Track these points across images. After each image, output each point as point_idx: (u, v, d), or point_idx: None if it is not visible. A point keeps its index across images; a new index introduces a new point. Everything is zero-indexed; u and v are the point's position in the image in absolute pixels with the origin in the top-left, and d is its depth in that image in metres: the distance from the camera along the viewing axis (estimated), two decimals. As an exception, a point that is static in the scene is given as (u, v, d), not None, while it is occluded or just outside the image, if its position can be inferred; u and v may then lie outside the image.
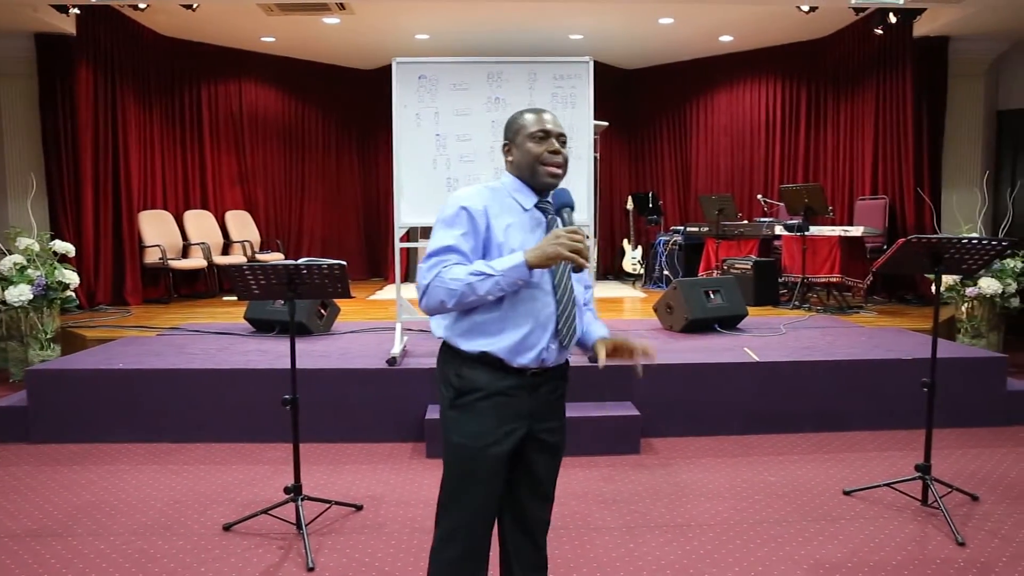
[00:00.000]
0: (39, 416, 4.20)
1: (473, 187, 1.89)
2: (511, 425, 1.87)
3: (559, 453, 2.02)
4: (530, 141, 1.88)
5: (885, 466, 3.73)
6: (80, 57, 6.82)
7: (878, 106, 7.59)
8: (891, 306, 7.01)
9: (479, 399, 1.84)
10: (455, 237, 1.79)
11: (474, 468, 1.86)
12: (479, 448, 1.84)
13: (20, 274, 5.50)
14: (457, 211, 1.81)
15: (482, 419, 1.84)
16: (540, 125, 1.88)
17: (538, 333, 1.85)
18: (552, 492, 2.04)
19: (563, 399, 2.04)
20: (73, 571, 2.70)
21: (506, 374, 1.84)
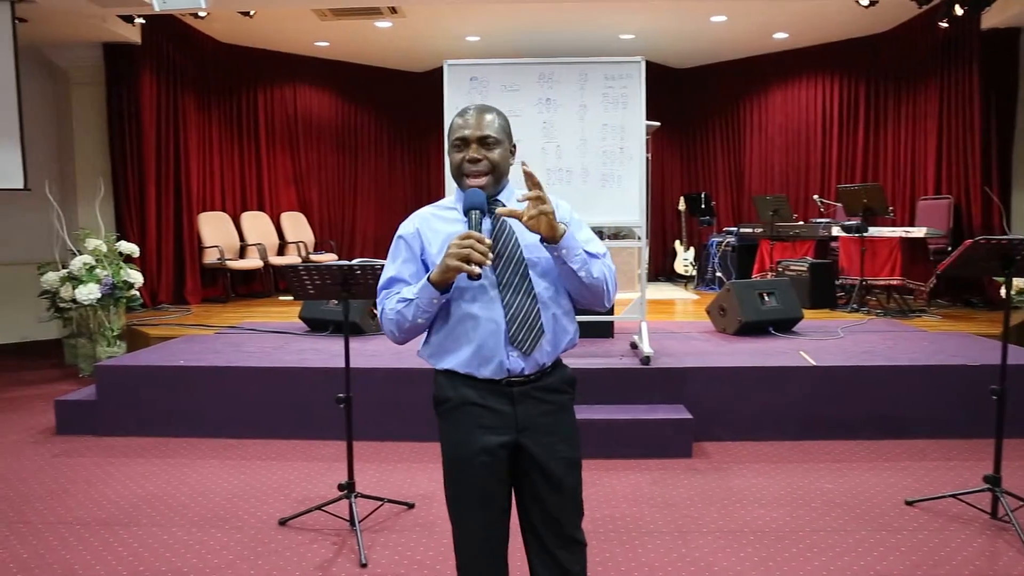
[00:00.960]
0: (106, 410, 4.37)
1: (418, 213, 1.90)
2: (491, 436, 1.77)
3: (564, 473, 1.81)
4: (452, 150, 1.81)
5: (950, 476, 3.59)
6: (144, 65, 7.07)
7: (942, 102, 7.33)
8: (956, 310, 6.76)
9: (452, 408, 1.83)
10: (396, 267, 1.85)
11: (459, 476, 1.82)
12: (460, 457, 1.81)
13: (89, 274, 5.73)
14: (395, 241, 1.86)
15: (459, 427, 1.82)
16: (457, 132, 1.79)
17: (491, 344, 1.75)
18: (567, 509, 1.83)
19: (564, 413, 1.84)
20: (139, 559, 2.80)
21: (477, 384, 1.79)
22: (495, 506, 1.82)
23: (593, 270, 1.76)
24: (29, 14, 5.97)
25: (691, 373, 4.23)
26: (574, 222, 1.83)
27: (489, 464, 1.79)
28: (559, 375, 1.85)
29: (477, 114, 1.79)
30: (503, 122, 1.83)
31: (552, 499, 1.82)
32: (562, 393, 1.85)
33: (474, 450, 1.79)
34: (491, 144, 1.79)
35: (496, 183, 1.82)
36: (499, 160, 1.80)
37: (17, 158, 6.02)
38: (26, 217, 6.85)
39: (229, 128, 8.55)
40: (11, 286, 6.94)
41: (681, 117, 10.38)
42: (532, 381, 1.80)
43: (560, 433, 1.83)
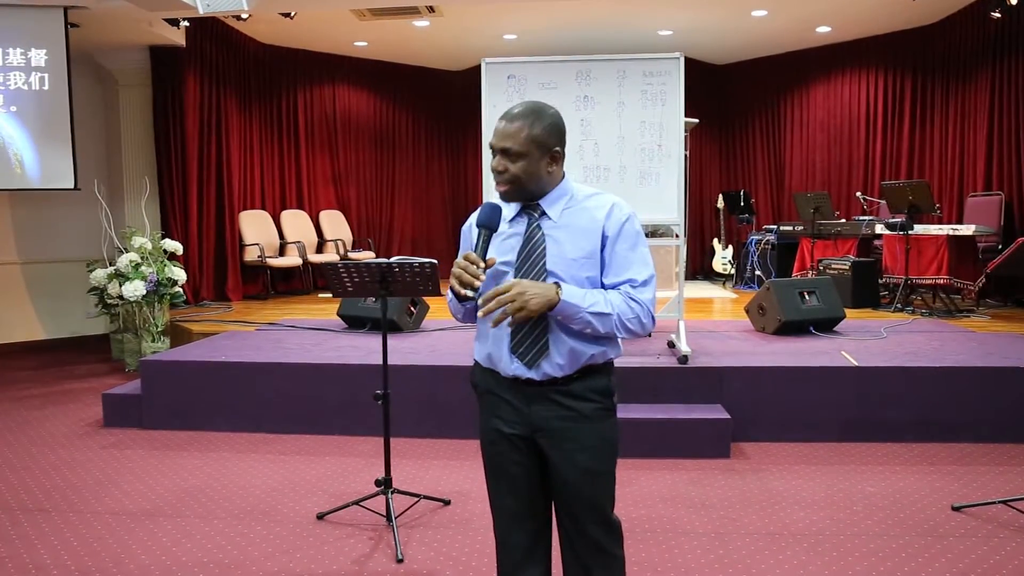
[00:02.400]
0: (151, 404, 4.49)
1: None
2: (505, 427, 1.82)
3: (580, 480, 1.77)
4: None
5: (1000, 482, 3.48)
6: (188, 67, 7.23)
7: (994, 96, 7.11)
8: (1007, 310, 6.55)
9: (480, 394, 1.91)
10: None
11: (486, 460, 1.90)
12: (483, 442, 1.90)
13: (135, 271, 5.88)
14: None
15: (483, 414, 1.89)
16: (492, 139, 1.77)
17: (497, 349, 1.80)
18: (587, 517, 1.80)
19: (590, 421, 1.78)
20: (182, 549, 2.87)
21: (498, 377, 1.83)
22: (519, 488, 1.85)
23: (600, 327, 1.71)
24: (80, 19, 6.15)
25: (729, 373, 4.18)
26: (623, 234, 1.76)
27: (508, 449, 1.83)
28: (586, 383, 1.78)
29: (507, 122, 1.74)
30: (536, 132, 1.72)
31: (573, 504, 1.81)
32: (587, 401, 1.77)
33: (494, 434, 1.85)
34: (513, 156, 1.73)
35: (521, 193, 1.76)
36: (520, 173, 1.73)
37: (68, 159, 6.22)
38: (76, 216, 7.07)
39: (269, 128, 8.68)
40: (62, 282, 7.16)
41: (720, 113, 10.24)
42: (549, 385, 1.77)
43: (580, 441, 1.77)
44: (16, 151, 6.07)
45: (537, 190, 1.78)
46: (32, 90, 6.06)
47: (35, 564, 2.77)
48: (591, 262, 1.75)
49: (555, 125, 1.76)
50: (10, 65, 6.00)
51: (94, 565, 2.75)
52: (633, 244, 1.77)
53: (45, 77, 6.09)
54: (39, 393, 5.46)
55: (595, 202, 1.79)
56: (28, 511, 3.26)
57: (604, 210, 1.77)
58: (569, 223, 1.77)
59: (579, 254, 1.74)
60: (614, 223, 1.76)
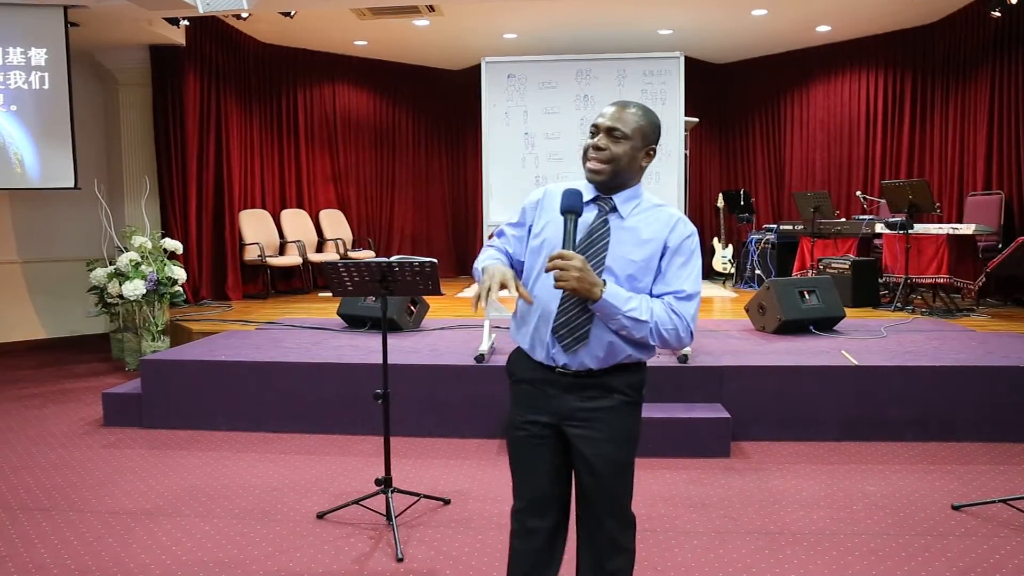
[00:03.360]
0: (151, 403, 4.49)
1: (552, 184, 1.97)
2: (537, 415, 1.87)
3: (605, 471, 1.83)
4: (589, 135, 1.85)
5: (1000, 481, 3.49)
6: (188, 66, 7.23)
7: (993, 95, 7.11)
8: (1007, 309, 6.55)
9: (515, 383, 1.94)
10: (511, 222, 1.98)
11: (513, 447, 1.94)
12: (513, 428, 1.92)
13: (135, 270, 5.88)
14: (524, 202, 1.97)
15: (516, 401, 1.93)
16: (595, 119, 1.84)
17: (542, 329, 1.83)
18: (607, 510, 1.86)
19: (617, 413, 1.83)
20: (182, 549, 2.87)
21: (534, 365, 1.87)
22: (544, 475, 1.89)
23: (635, 332, 1.75)
24: (80, 19, 6.15)
25: (729, 372, 4.18)
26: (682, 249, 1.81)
27: (532, 439, 1.88)
28: (623, 378, 1.84)
29: (619, 107, 1.82)
30: (643, 123, 1.81)
31: (592, 493, 1.87)
32: (619, 393, 1.84)
33: (522, 423, 1.89)
34: (618, 137, 1.79)
35: (613, 177, 1.81)
36: (621, 155, 1.79)
37: (68, 158, 6.21)
38: (76, 215, 7.06)
39: (269, 127, 8.68)
40: (62, 281, 7.16)
41: (720, 113, 10.24)
42: (585, 376, 1.82)
43: (609, 432, 1.83)
44: (16, 150, 6.07)
45: (621, 181, 1.83)
46: (32, 89, 6.06)
47: (35, 563, 2.77)
48: (647, 268, 1.80)
49: (659, 127, 1.87)
50: (10, 64, 6.00)
51: (94, 564, 2.75)
52: (688, 260, 1.82)
53: (45, 76, 6.08)
54: (39, 392, 5.46)
55: (664, 213, 1.85)
56: (28, 510, 3.26)
57: (671, 222, 1.83)
58: (636, 226, 1.82)
59: (639, 257, 1.79)
60: (677, 236, 1.82)
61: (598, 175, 1.81)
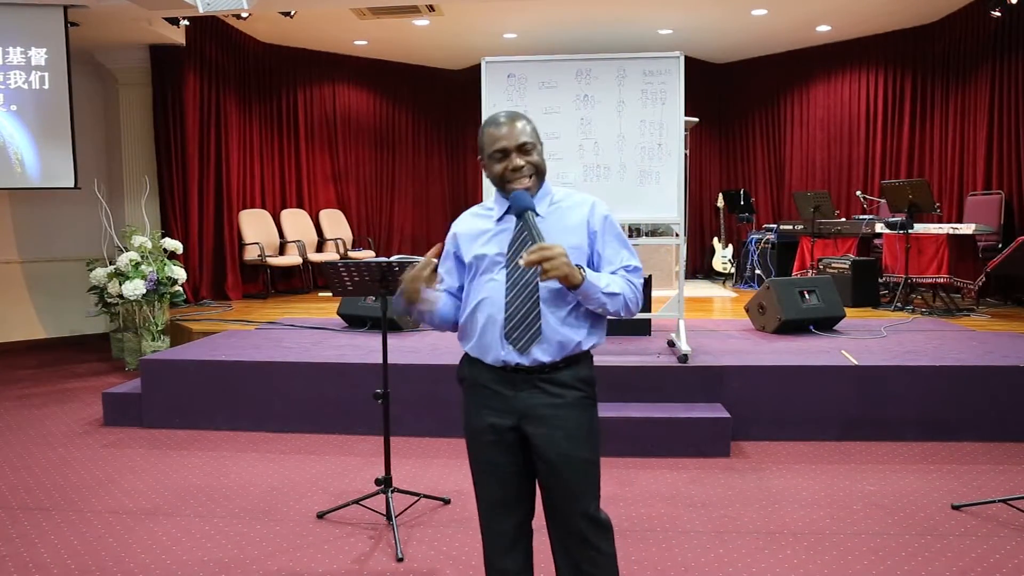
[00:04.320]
0: (151, 403, 4.49)
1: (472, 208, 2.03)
2: (493, 417, 1.88)
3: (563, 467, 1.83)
4: (491, 161, 1.88)
5: (1000, 481, 3.49)
6: (188, 65, 7.23)
7: (993, 95, 7.11)
8: (1007, 309, 6.55)
9: (468, 387, 1.96)
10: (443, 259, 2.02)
11: (471, 449, 1.96)
12: (470, 433, 1.95)
13: (135, 270, 5.88)
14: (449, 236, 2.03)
15: (470, 406, 1.94)
16: (496, 144, 1.85)
17: (489, 335, 1.85)
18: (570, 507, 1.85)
19: (572, 409, 1.85)
20: (182, 548, 2.87)
21: (485, 368, 1.89)
22: (505, 477, 1.91)
23: (610, 307, 1.83)
24: (80, 18, 6.14)
25: (729, 372, 4.18)
26: (608, 227, 1.91)
27: (495, 442, 1.89)
28: (572, 372, 1.87)
29: (509, 123, 1.87)
30: (533, 126, 1.91)
31: (554, 491, 1.88)
32: (572, 389, 1.86)
33: (482, 427, 1.91)
34: (529, 149, 1.87)
35: (540, 183, 1.91)
36: (540, 161, 1.89)
37: (68, 158, 6.21)
38: (76, 215, 7.07)
39: (269, 127, 8.68)
40: (62, 281, 7.16)
41: (720, 112, 10.24)
42: (537, 372, 1.85)
43: (564, 428, 1.84)
44: (16, 150, 6.07)
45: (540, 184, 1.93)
46: (32, 89, 6.06)
47: (35, 563, 2.77)
48: (578, 253, 1.86)
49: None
50: (10, 64, 6.00)
51: (94, 564, 2.76)
52: (618, 235, 1.94)
53: (45, 76, 6.08)
54: (39, 392, 5.46)
55: (576, 200, 1.94)
56: (28, 510, 3.26)
57: (586, 207, 1.92)
58: (557, 219, 1.90)
59: (570, 244, 1.82)
60: (598, 219, 1.91)
61: (532, 189, 1.88)
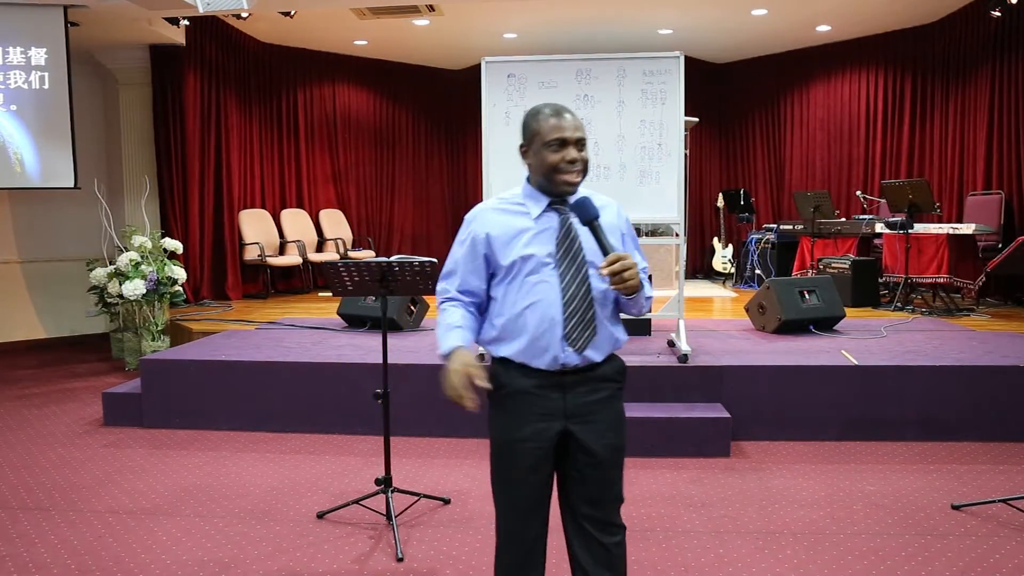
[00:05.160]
0: (151, 403, 4.49)
1: (487, 202, 1.97)
2: (540, 423, 1.85)
3: (608, 457, 1.88)
4: (546, 150, 1.83)
5: (1000, 481, 3.49)
6: (188, 65, 7.23)
7: (994, 95, 7.11)
8: (1007, 309, 6.55)
9: (506, 396, 1.88)
10: (457, 260, 1.93)
11: (508, 464, 1.89)
12: (509, 442, 1.88)
13: (135, 270, 5.88)
14: (467, 234, 1.93)
15: (511, 415, 1.88)
16: (557, 133, 1.82)
17: (547, 338, 1.82)
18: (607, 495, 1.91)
19: (612, 401, 1.91)
20: (182, 548, 2.87)
21: (530, 373, 1.85)
22: (540, 484, 1.89)
23: (644, 309, 1.91)
24: (80, 18, 6.14)
25: (729, 372, 4.18)
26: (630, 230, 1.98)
27: (537, 449, 1.86)
28: (612, 365, 1.92)
29: (572, 117, 1.85)
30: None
31: (594, 482, 1.89)
32: (613, 382, 1.91)
33: (525, 435, 1.85)
34: (583, 146, 1.86)
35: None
36: (587, 160, 1.88)
37: (68, 158, 6.21)
38: (76, 215, 7.07)
39: (269, 126, 8.68)
40: (62, 281, 7.16)
41: (720, 112, 10.24)
42: (585, 371, 1.86)
43: (608, 421, 1.89)
44: (16, 150, 6.07)
45: None
46: (32, 89, 6.06)
47: (35, 563, 2.77)
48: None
49: None
50: (10, 64, 6.00)
51: (94, 564, 2.76)
52: (635, 238, 2.00)
53: (45, 76, 6.08)
54: (39, 392, 5.46)
55: (601, 201, 1.92)
56: (28, 510, 3.26)
57: (614, 209, 1.94)
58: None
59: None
60: (623, 222, 1.96)
61: (576, 187, 1.86)
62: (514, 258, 1.84)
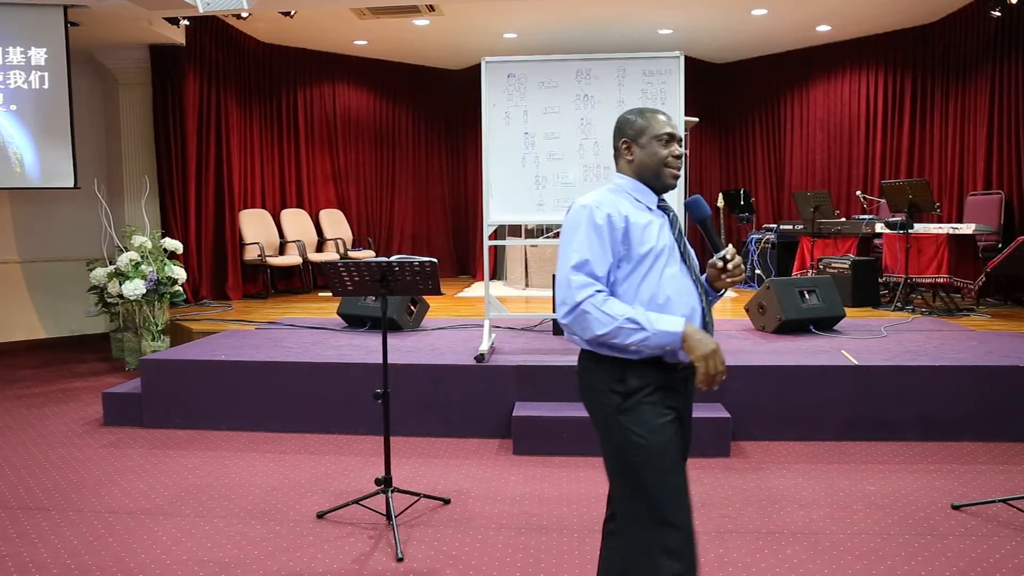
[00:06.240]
0: (151, 403, 4.49)
1: (600, 192, 1.92)
2: (672, 416, 1.85)
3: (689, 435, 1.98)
4: (656, 143, 1.91)
5: (1000, 481, 3.49)
6: (188, 65, 7.23)
7: (993, 95, 7.11)
8: (1007, 309, 6.55)
9: (648, 394, 1.82)
10: (592, 250, 1.81)
11: (666, 464, 1.80)
12: (663, 442, 1.81)
13: (135, 270, 5.88)
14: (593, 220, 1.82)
15: (655, 414, 1.82)
16: (664, 128, 1.92)
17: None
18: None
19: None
20: (182, 548, 2.87)
21: (664, 369, 1.84)
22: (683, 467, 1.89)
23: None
24: (80, 18, 6.14)
25: (729, 372, 4.11)
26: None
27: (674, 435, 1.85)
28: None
29: (667, 115, 1.96)
30: None
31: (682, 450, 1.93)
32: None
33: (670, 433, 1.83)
34: (681, 143, 1.97)
35: None
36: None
37: (68, 158, 6.21)
38: (76, 215, 7.07)
39: (269, 126, 8.68)
40: (62, 281, 7.16)
41: (720, 112, 10.24)
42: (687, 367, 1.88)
43: (688, 420, 1.97)
44: (16, 150, 6.07)
45: None
46: (32, 89, 6.06)
47: (35, 563, 2.77)
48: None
49: None
50: (10, 64, 6.00)
51: (94, 564, 2.76)
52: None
53: (45, 76, 6.08)
54: (39, 392, 5.47)
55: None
56: (28, 510, 3.26)
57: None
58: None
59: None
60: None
61: (677, 181, 1.96)
62: (651, 246, 1.84)
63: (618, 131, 1.98)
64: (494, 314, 4.83)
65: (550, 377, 4.17)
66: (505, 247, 9.05)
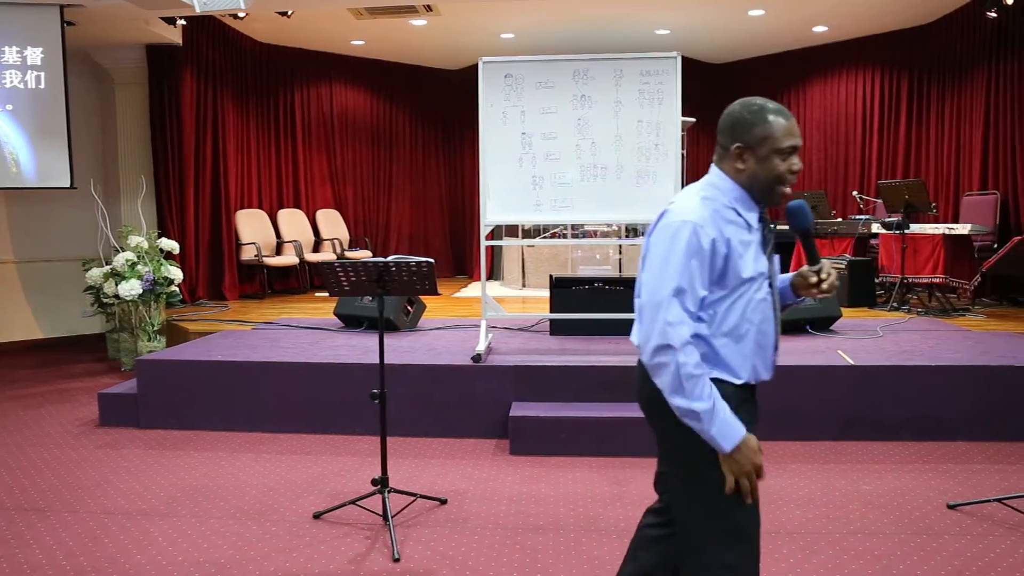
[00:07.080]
0: (147, 403, 4.48)
1: (700, 202, 1.70)
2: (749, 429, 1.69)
3: None
4: (777, 156, 1.69)
5: (995, 480, 3.50)
6: (185, 65, 7.22)
7: (989, 95, 7.13)
8: (1002, 309, 6.57)
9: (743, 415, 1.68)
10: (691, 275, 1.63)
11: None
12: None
13: (131, 270, 5.87)
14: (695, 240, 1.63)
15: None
16: (789, 140, 1.68)
17: (769, 354, 1.78)
18: None
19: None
20: (177, 549, 2.87)
21: (746, 389, 1.74)
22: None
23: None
24: (76, 17, 6.13)
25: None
26: None
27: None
28: None
29: (794, 121, 1.71)
30: None
31: None
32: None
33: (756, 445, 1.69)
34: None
35: None
36: None
37: (64, 158, 6.20)
38: (72, 215, 7.05)
39: (266, 126, 8.67)
40: (58, 282, 7.15)
41: (717, 112, 9.89)
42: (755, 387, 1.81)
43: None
44: (12, 150, 6.05)
45: None
46: (28, 88, 6.05)
47: (30, 564, 2.76)
48: None
49: None
50: (6, 63, 5.98)
51: (89, 565, 2.75)
52: None
53: (41, 75, 6.07)
54: (35, 392, 5.45)
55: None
56: (23, 510, 3.26)
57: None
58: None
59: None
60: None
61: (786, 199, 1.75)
62: (751, 272, 1.68)
63: (731, 131, 1.73)
64: (491, 314, 4.83)
65: (547, 377, 4.17)
66: (502, 247, 9.05)
